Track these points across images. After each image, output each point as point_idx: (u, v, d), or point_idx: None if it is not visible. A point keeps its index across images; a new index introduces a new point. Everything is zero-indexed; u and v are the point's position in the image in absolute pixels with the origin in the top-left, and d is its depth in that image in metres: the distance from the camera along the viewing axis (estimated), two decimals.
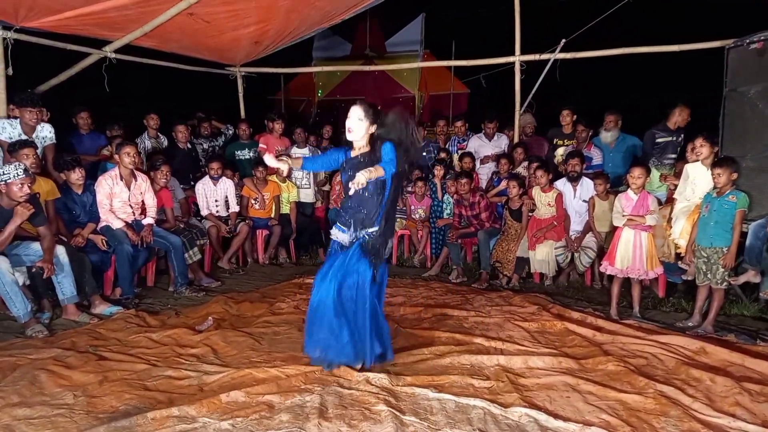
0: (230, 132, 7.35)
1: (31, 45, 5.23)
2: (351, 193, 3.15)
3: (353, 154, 3.37)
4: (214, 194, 6.19)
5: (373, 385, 3.04)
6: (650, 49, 6.22)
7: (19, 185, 3.88)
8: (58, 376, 3.15)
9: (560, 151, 6.45)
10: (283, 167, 3.35)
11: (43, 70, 5.82)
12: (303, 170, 3.59)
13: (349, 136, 3.28)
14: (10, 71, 5.01)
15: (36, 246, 4.13)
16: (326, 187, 7.41)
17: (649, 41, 6.23)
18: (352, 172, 3.25)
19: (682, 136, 5.52)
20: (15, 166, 3.92)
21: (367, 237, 3.27)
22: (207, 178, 6.16)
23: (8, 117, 4.95)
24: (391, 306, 4.64)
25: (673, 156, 5.56)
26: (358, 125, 3.25)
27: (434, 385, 3.03)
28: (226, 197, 6.27)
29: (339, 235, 3.41)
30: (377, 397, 2.87)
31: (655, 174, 5.54)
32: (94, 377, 3.16)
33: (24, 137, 4.74)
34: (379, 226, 3.28)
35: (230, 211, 6.28)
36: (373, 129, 3.26)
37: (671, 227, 4.66)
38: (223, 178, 6.24)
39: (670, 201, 5.05)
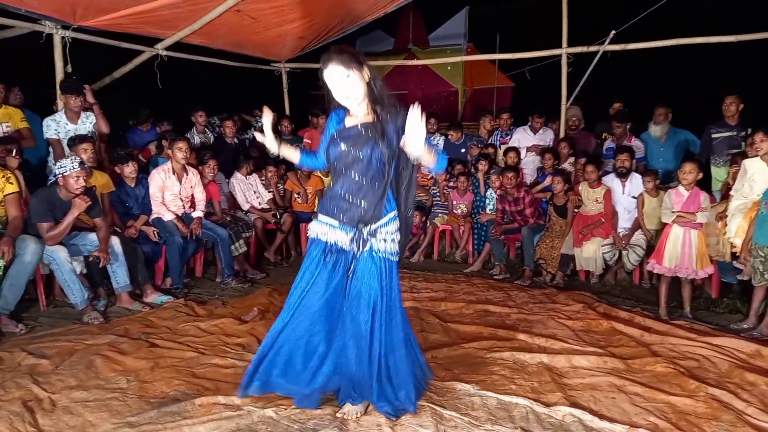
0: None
1: (87, 43, 5.45)
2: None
3: (349, 123, 2.53)
4: (249, 188, 6.32)
5: None
6: (706, 40, 5.94)
7: (75, 178, 4.04)
8: (113, 361, 3.30)
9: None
10: (273, 148, 2.67)
11: (98, 68, 6.07)
12: (301, 166, 2.71)
13: (347, 103, 2.46)
14: (69, 68, 5.24)
15: (92, 236, 4.32)
16: None
17: (705, 31, 5.96)
18: (347, 145, 2.46)
19: (748, 130, 5.09)
20: (71, 159, 4.10)
21: (378, 238, 2.48)
22: (238, 174, 6.29)
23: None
24: (433, 301, 4.64)
25: (735, 152, 5.26)
26: (348, 85, 2.38)
27: (476, 381, 3.02)
28: (259, 190, 6.40)
29: (329, 233, 2.53)
30: None
31: (716, 172, 5.34)
32: (145, 363, 3.28)
33: (69, 126, 4.94)
34: (390, 218, 2.51)
35: (266, 200, 6.40)
36: (366, 76, 2.42)
37: (726, 225, 4.48)
38: (251, 174, 6.36)
39: (725, 198, 4.84)
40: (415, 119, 2.15)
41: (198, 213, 5.28)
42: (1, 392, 2.85)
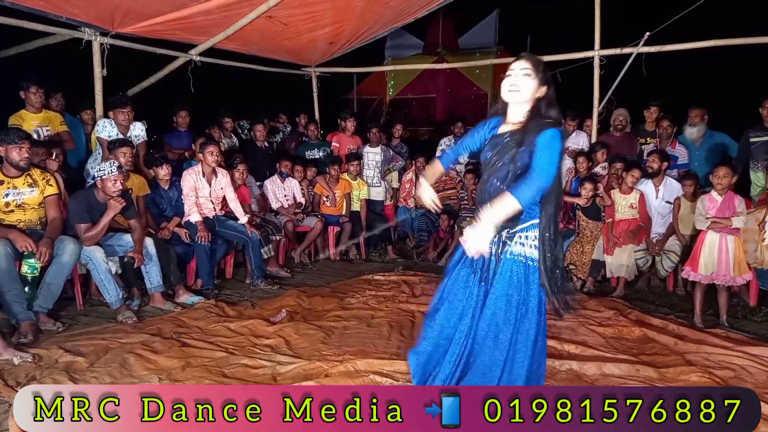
0: (288, 129, 7.54)
1: (124, 49, 5.60)
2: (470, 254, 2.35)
3: (501, 130, 2.50)
4: (282, 191, 6.40)
5: None
6: (746, 41, 5.76)
7: (113, 181, 4.16)
8: (145, 359, 3.37)
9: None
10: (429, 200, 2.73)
11: (134, 74, 6.24)
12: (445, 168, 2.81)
13: (511, 97, 2.42)
14: (105, 72, 5.39)
15: (127, 237, 4.43)
16: (395, 184, 7.46)
17: (745, 32, 5.78)
18: (493, 153, 2.46)
19: None
20: (110, 163, 4.22)
21: (515, 242, 2.42)
22: (275, 175, 6.37)
23: (107, 117, 5.30)
24: None
25: None
26: (524, 82, 2.40)
27: None
28: (294, 194, 6.48)
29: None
30: None
31: (755, 177, 5.19)
32: (177, 362, 3.34)
33: (120, 136, 5.08)
34: (531, 224, 2.41)
35: (297, 202, 6.49)
36: (542, 92, 2.42)
37: (766, 232, 4.34)
38: (289, 177, 6.45)
39: (764, 203, 4.70)
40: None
41: (243, 220, 5.38)
42: None
